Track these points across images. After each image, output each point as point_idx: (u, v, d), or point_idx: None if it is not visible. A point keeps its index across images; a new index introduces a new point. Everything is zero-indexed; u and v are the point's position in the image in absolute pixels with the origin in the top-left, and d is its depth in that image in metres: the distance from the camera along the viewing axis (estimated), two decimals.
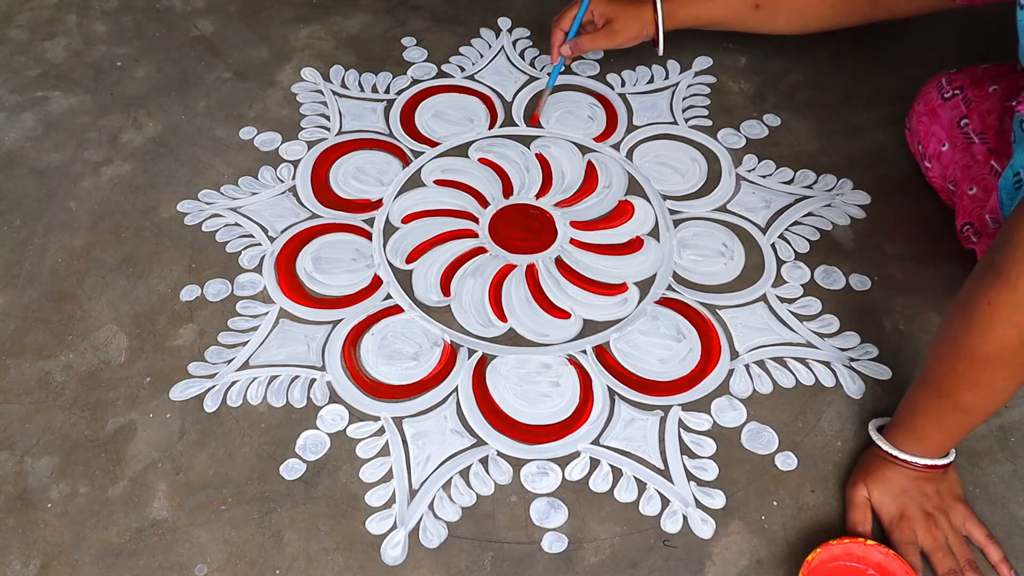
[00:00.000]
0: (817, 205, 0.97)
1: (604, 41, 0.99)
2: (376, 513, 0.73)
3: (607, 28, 0.98)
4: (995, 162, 0.83)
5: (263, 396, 0.80)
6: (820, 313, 0.87)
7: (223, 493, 0.74)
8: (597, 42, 0.99)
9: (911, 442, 0.69)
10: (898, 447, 0.70)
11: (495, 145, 1.04)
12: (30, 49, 1.17)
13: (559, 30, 1.00)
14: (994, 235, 0.82)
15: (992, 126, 0.85)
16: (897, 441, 0.70)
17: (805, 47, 1.16)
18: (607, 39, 0.98)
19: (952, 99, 0.87)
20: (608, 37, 0.98)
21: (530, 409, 0.80)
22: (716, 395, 0.81)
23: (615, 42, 0.98)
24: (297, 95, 1.10)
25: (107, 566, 0.70)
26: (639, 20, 0.97)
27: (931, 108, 0.89)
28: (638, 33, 0.98)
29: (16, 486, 0.74)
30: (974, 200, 0.85)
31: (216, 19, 1.21)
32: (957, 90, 0.87)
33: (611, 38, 0.98)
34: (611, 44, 0.99)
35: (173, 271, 0.90)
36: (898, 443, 0.70)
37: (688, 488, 0.74)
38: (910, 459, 0.69)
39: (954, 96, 0.87)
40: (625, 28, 0.97)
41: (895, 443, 0.70)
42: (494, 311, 0.87)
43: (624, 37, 0.98)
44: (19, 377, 0.82)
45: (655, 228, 0.95)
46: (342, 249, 0.92)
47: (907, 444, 0.70)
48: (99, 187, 0.99)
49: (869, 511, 0.71)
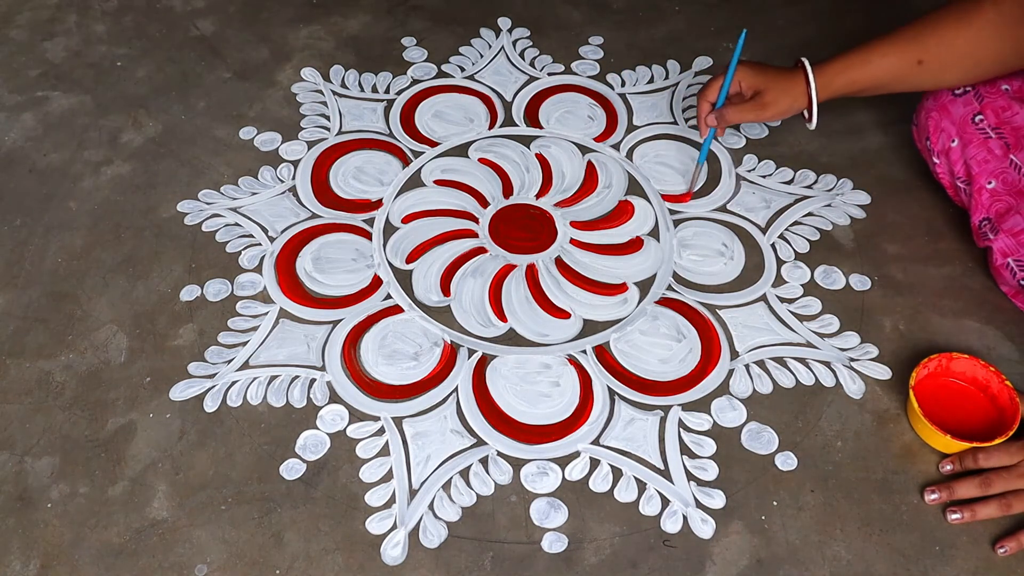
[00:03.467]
0: (817, 205, 0.97)
1: (753, 114, 0.90)
2: (376, 513, 0.73)
3: (756, 100, 0.90)
4: (1015, 156, 0.84)
5: (263, 396, 0.80)
6: (820, 313, 0.87)
7: (223, 493, 0.74)
8: (744, 115, 0.91)
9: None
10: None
11: (495, 145, 1.04)
12: (30, 49, 1.17)
13: (705, 101, 0.92)
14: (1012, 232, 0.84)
15: (1008, 121, 0.85)
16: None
17: (805, 47, 1.16)
18: (755, 112, 0.90)
19: (964, 95, 0.87)
20: (758, 109, 0.90)
21: (530, 409, 0.80)
22: (716, 395, 0.81)
23: (764, 115, 0.90)
24: (297, 95, 1.10)
25: (107, 566, 0.70)
26: (790, 93, 0.89)
27: (941, 104, 0.89)
28: (789, 107, 0.90)
29: (16, 486, 0.74)
30: (993, 194, 0.85)
31: (216, 19, 1.21)
32: (968, 87, 0.87)
33: (760, 110, 0.90)
34: (760, 117, 0.91)
35: (173, 271, 0.90)
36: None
37: (688, 488, 0.74)
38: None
39: (965, 93, 0.87)
40: (776, 102, 0.89)
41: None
42: (494, 311, 0.87)
43: (775, 111, 0.90)
44: (19, 377, 0.82)
45: (655, 228, 0.95)
46: (342, 249, 0.92)
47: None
48: (99, 187, 0.99)
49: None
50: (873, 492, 0.74)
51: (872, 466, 0.76)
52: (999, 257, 0.85)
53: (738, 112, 0.91)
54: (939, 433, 0.73)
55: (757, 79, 0.90)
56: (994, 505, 0.71)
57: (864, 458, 0.76)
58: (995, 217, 0.86)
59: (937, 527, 0.72)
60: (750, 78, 0.90)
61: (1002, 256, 0.85)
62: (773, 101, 0.89)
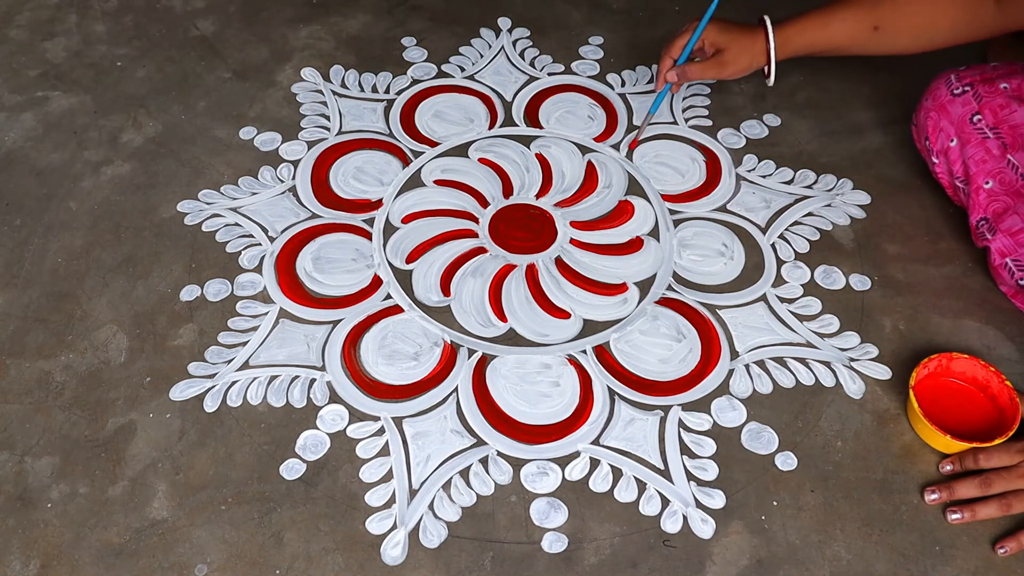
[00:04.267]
0: (817, 205, 0.97)
1: (713, 71, 0.94)
2: (376, 513, 0.73)
3: (716, 58, 0.93)
4: (1012, 156, 0.84)
5: (263, 396, 0.80)
6: (820, 313, 0.87)
7: (223, 493, 0.74)
8: (706, 71, 0.94)
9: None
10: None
11: (495, 145, 1.04)
12: (30, 49, 1.17)
13: (668, 57, 0.95)
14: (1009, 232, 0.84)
15: (1005, 120, 0.85)
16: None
17: None
18: (716, 69, 0.93)
19: (962, 95, 0.87)
20: (717, 67, 0.93)
21: (530, 409, 0.80)
22: (716, 395, 0.81)
23: (724, 73, 0.94)
24: (297, 95, 1.10)
25: (107, 566, 0.70)
26: (750, 51, 0.92)
27: (940, 104, 0.89)
28: (748, 64, 0.93)
29: (16, 486, 0.74)
30: (990, 194, 0.86)
31: (216, 19, 1.21)
32: (967, 87, 0.87)
33: (720, 68, 0.93)
34: (719, 75, 0.94)
35: (173, 271, 0.90)
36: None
37: (688, 488, 0.74)
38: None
39: (964, 92, 0.87)
40: (735, 59, 0.92)
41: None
42: (494, 311, 0.87)
43: (734, 68, 0.93)
44: (19, 377, 0.82)
45: (655, 228, 0.95)
46: (342, 249, 0.92)
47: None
48: (99, 187, 0.99)
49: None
50: (873, 492, 0.74)
51: (872, 466, 0.76)
52: (997, 257, 0.85)
53: (700, 69, 0.94)
54: (939, 433, 0.73)
55: (720, 37, 0.92)
56: (994, 505, 0.71)
57: (864, 458, 0.76)
58: (993, 217, 0.86)
59: (937, 527, 0.72)
60: (714, 35, 0.92)
61: (1000, 256, 0.85)
62: (733, 59, 0.92)
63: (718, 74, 0.94)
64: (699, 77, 0.95)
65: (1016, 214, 0.84)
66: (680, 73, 0.95)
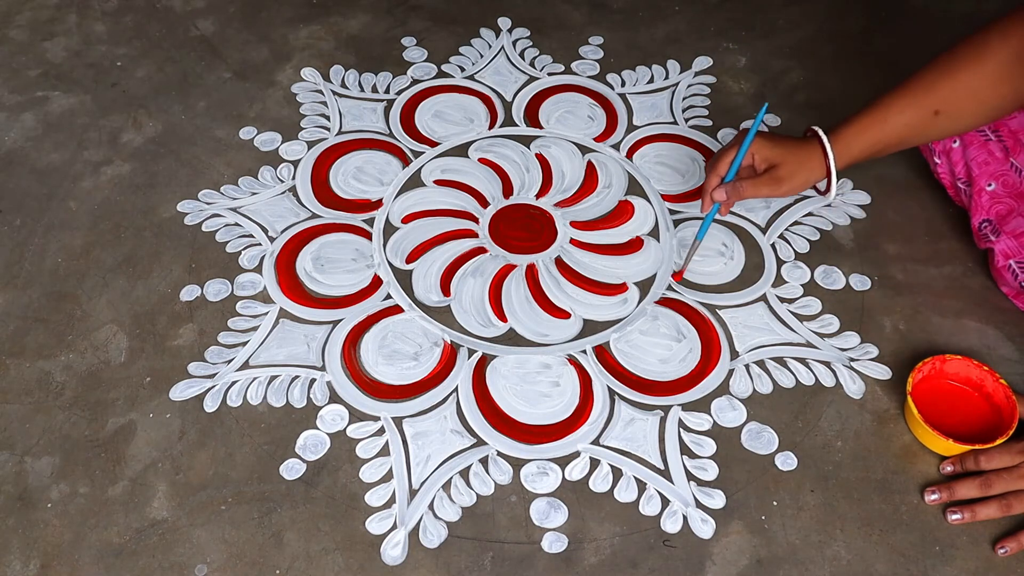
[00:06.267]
0: (817, 205, 0.97)
1: (767, 189, 0.84)
2: (376, 513, 0.73)
3: (771, 174, 0.84)
4: (1015, 159, 0.84)
5: (263, 396, 0.80)
6: (820, 313, 0.87)
7: (223, 493, 0.74)
8: (759, 190, 0.84)
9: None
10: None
11: (495, 145, 1.04)
12: (30, 49, 1.17)
13: (715, 175, 0.86)
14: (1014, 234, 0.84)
15: (1005, 123, 0.85)
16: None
17: (805, 47, 1.16)
18: (770, 187, 0.84)
19: None
20: (772, 184, 0.83)
21: (530, 409, 0.80)
22: (716, 395, 0.81)
23: (779, 191, 0.84)
24: (297, 95, 1.10)
25: (107, 566, 0.70)
26: (806, 166, 0.83)
27: None
28: (806, 180, 0.84)
29: (16, 486, 0.74)
30: (993, 196, 0.86)
31: (216, 19, 1.21)
32: None
33: (775, 186, 0.83)
34: (774, 193, 0.84)
35: (173, 271, 0.90)
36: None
37: (688, 488, 0.74)
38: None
39: None
40: (792, 175, 0.83)
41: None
42: (494, 311, 0.87)
43: (790, 186, 0.84)
44: (19, 377, 0.82)
45: (655, 228, 0.95)
46: (342, 249, 0.92)
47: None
48: (99, 187, 0.99)
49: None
50: (873, 492, 0.74)
51: (872, 466, 0.76)
52: (1001, 259, 0.85)
53: (752, 187, 0.84)
54: (940, 437, 0.73)
55: (772, 152, 0.84)
56: (994, 506, 0.71)
57: (864, 458, 0.76)
58: (996, 219, 0.86)
59: (937, 527, 0.72)
60: (765, 150, 0.84)
61: (1004, 258, 0.85)
62: (788, 176, 0.83)
63: (772, 192, 0.84)
64: (754, 196, 0.85)
65: (1021, 216, 0.84)
66: (731, 191, 0.85)
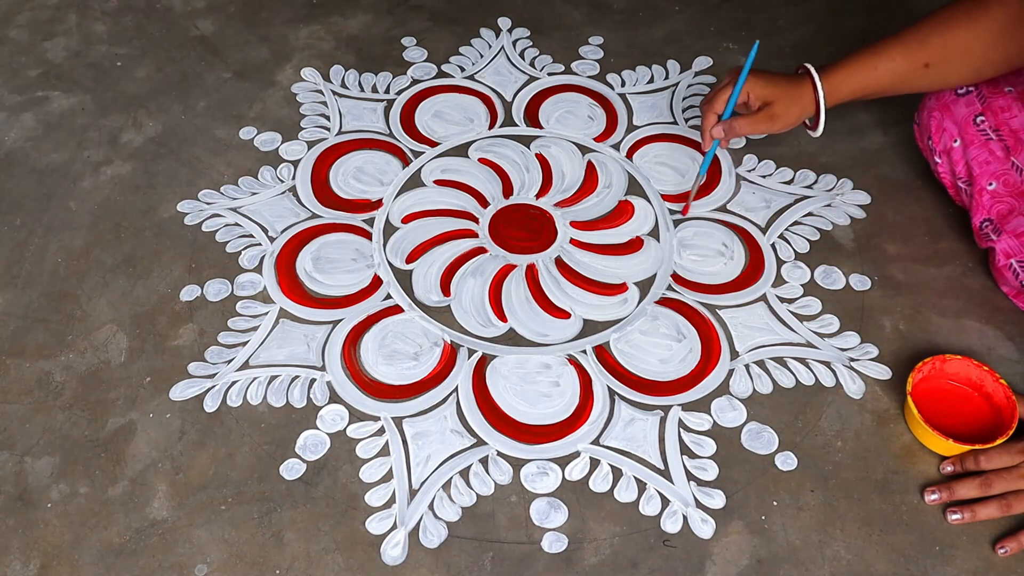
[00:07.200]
0: (817, 205, 0.97)
1: (763, 125, 0.88)
2: (376, 513, 0.73)
3: (766, 112, 0.87)
4: (1016, 159, 0.84)
5: (263, 396, 0.80)
6: (820, 313, 0.87)
7: (223, 493, 0.74)
8: (756, 126, 0.88)
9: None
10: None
11: (495, 145, 1.04)
12: (30, 49, 1.17)
13: (711, 112, 0.89)
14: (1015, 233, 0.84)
15: (1006, 123, 0.85)
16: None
17: (805, 48, 1.16)
18: (766, 123, 0.87)
19: (966, 95, 0.87)
20: (767, 121, 0.87)
21: (530, 409, 0.80)
22: (716, 395, 0.81)
23: (774, 127, 0.88)
24: (297, 95, 1.10)
25: (107, 566, 0.70)
26: (799, 103, 0.86)
27: (944, 103, 0.89)
28: (799, 116, 0.87)
29: (16, 486, 0.74)
30: (994, 196, 0.86)
31: (216, 19, 1.21)
32: (971, 87, 0.87)
33: (770, 122, 0.87)
34: (770, 129, 0.88)
35: (173, 271, 0.90)
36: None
37: (688, 488, 0.74)
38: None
39: (968, 93, 0.87)
40: (785, 112, 0.87)
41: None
42: (494, 311, 0.87)
43: (784, 121, 0.87)
44: (19, 377, 0.82)
45: (655, 228, 0.95)
46: (342, 249, 0.92)
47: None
48: (99, 187, 0.99)
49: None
50: (873, 492, 0.74)
51: (872, 466, 0.76)
52: (1002, 258, 0.85)
53: (749, 124, 0.88)
54: (940, 438, 0.73)
55: (766, 90, 0.87)
56: (994, 506, 0.71)
57: (864, 458, 0.76)
58: (997, 219, 0.86)
59: (937, 527, 0.72)
60: (759, 88, 0.87)
61: (1005, 257, 0.85)
62: (783, 112, 0.87)
63: (768, 128, 0.88)
64: (749, 132, 0.89)
65: (1022, 215, 0.84)
66: (728, 128, 0.89)
